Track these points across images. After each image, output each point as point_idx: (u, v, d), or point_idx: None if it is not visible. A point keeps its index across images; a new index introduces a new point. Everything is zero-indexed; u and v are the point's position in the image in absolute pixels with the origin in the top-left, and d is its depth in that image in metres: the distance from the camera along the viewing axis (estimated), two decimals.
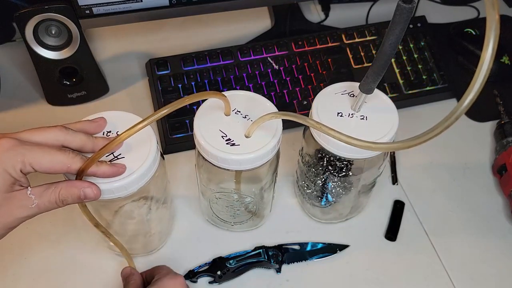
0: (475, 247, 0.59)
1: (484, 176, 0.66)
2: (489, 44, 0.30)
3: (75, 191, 0.39)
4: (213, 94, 0.42)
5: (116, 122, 0.45)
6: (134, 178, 0.41)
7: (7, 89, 0.71)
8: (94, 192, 0.39)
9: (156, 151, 0.44)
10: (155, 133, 0.45)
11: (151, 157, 0.43)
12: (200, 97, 0.41)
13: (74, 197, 0.39)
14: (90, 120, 0.43)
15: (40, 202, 0.37)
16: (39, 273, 0.55)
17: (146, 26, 0.77)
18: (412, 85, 0.71)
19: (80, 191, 0.39)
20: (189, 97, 0.39)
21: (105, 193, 0.41)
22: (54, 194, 0.38)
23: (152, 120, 0.38)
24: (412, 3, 0.35)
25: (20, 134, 0.38)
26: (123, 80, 0.73)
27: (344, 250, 0.58)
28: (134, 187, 0.42)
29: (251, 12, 0.80)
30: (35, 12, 0.58)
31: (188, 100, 0.39)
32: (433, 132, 0.35)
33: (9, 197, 0.36)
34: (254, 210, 0.55)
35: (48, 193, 0.38)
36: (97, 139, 0.41)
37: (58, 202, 0.38)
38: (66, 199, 0.39)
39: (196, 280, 0.55)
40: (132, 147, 0.43)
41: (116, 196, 0.42)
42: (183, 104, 0.39)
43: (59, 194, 0.38)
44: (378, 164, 0.52)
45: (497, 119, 0.70)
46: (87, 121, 0.43)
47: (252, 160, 0.44)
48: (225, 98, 0.44)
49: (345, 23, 0.78)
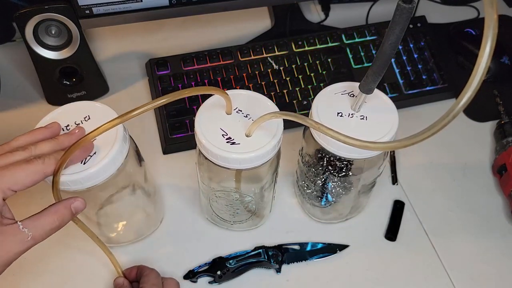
0: (475, 247, 0.59)
1: (484, 176, 0.66)
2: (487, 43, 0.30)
3: (67, 211, 0.39)
4: (214, 90, 0.42)
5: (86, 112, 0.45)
6: (108, 160, 0.41)
7: (7, 89, 0.71)
8: (81, 203, 0.40)
9: (123, 132, 0.43)
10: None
11: (120, 137, 0.43)
12: (201, 91, 0.41)
13: (68, 216, 0.39)
14: (44, 127, 0.42)
15: (35, 233, 0.37)
16: (39, 273, 0.55)
17: (146, 26, 0.77)
18: (412, 85, 0.71)
19: (70, 209, 0.39)
20: (189, 90, 0.39)
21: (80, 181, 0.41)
22: (48, 221, 0.37)
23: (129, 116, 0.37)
24: (412, 3, 0.35)
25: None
26: (123, 80, 0.73)
27: (344, 250, 0.58)
28: (112, 168, 0.42)
29: (251, 12, 0.80)
30: (35, 12, 0.58)
31: (187, 93, 0.39)
32: (431, 130, 0.34)
33: (2, 233, 0.35)
34: (254, 210, 0.56)
35: (41, 222, 0.37)
36: (60, 138, 0.41)
37: (54, 228, 0.38)
38: (62, 221, 0.38)
39: (196, 280, 0.55)
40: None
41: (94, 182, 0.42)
42: (182, 95, 0.38)
43: (54, 219, 0.38)
44: (378, 164, 0.52)
45: (497, 119, 0.70)
46: (42, 129, 0.42)
47: (252, 159, 0.44)
48: (226, 94, 0.43)
49: (345, 23, 0.78)
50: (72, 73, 0.66)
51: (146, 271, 0.51)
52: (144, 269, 0.51)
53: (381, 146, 0.39)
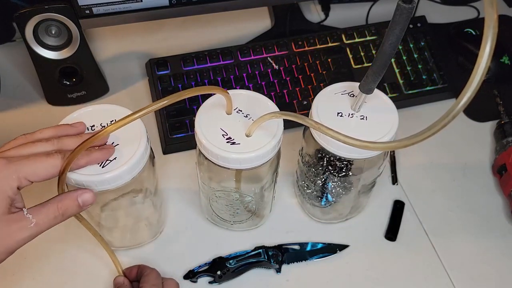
0: (475, 247, 0.59)
1: (484, 176, 0.66)
2: (487, 43, 0.30)
3: (72, 202, 0.39)
4: (215, 89, 0.42)
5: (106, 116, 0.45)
6: (126, 168, 0.42)
7: (7, 89, 0.71)
8: (90, 196, 0.39)
9: (146, 142, 0.44)
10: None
11: (142, 148, 0.43)
12: (202, 91, 0.41)
13: (73, 206, 0.39)
14: (70, 125, 0.42)
15: (38, 220, 0.37)
16: (39, 273, 0.55)
17: (146, 26, 0.77)
18: (412, 85, 0.71)
19: (78, 199, 0.39)
20: (190, 90, 0.39)
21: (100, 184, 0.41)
22: (52, 209, 0.38)
23: (146, 112, 0.37)
24: (412, 3, 0.35)
25: (6, 152, 0.38)
26: (123, 80, 0.73)
27: (344, 250, 0.58)
28: (127, 176, 0.42)
29: (251, 12, 0.80)
30: (35, 12, 0.58)
31: (188, 94, 0.38)
32: (431, 130, 0.34)
33: (8, 219, 0.36)
34: (254, 210, 0.56)
35: (45, 209, 0.37)
36: (84, 136, 0.41)
37: (58, 216, 0.38)
38: (66, 211, 0.38)
39: (196, 280, 0.55)
40: (122, 140, 0.43)
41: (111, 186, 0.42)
42: (183, 97, 0.38)
43: (58, 208, 0.38)
44: (378, 164, 0.52)
45: (497, 119, 0.70)
46: (67, 126, 0.42)
47: (252, 159, 0.44)
48: (227, 94, 0.43)
49: (345, 23, 0.78)
50: (72, 73, 0.66)
51: (146, 271, 0.51)
52: (145, 268, 0.51)
53: (381, 146, 0.39)
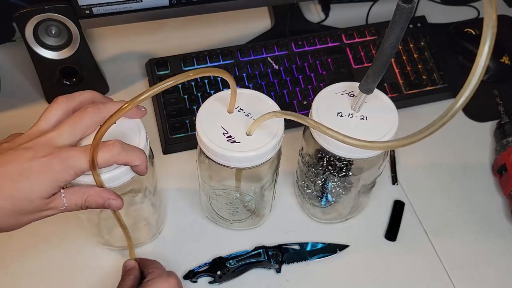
0: (475, 247, 0.59)
1: (484, 176, 0.66)
2: (486, 42, 0.30)
3: (100, 201, 0.40)
4: (221, 72, 0.41)
5: None
6: (125, 168, 0.41)
7: (7, 89, 0.71)
8: (118, 204, 0.41)
9: (145, 142, 0.44)
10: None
11: (141, 148, 0.42)
12: (208, 72, 0.40)
13: (98, 205, 0.40)
14: None
15: (69, 204, 0.39)
16: (39, 273, 0.55)
17: (146, 26, 0.76)
18: (412, 85, 0.71)
19: (105, 202, 0.40)
20: (195, 71, 0.38)
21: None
22: (81, 199, 0.39)
23: (160, 89, 0.37)
24: (412, 3, 0.35)
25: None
26: (123, 80, 0.73)
27: (344, 250, 0.58)
28: (126, 176, 0.42)
29: (251, 12, 0.80)
30: (35, 12, 0.58)
31: (193, 74, 0.38)
32: (429, 129, 0.34)
33: (46, 202, 0.38)
34: (254, 209, 0.56)
35: (76, 196, 0.39)
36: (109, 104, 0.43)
37: (83, 206, 0.40)
38: (90, 206, 0.40)
39: (196, 280, 0.55)
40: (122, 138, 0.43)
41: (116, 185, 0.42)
42: (188, 78, 0.38)
43: (86, 200, 0.39)
44: (378, 164, 0.52)
45: (497, 119, 0.70)
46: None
47: (252, 158, 0.44)
48: (230, 76, 0.42)
49: (345, 23, 0.78)
50: (72, 73, 0.66)
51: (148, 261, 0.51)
52: (146, 260, 0.51)
53: (380, 146, 0.39)
